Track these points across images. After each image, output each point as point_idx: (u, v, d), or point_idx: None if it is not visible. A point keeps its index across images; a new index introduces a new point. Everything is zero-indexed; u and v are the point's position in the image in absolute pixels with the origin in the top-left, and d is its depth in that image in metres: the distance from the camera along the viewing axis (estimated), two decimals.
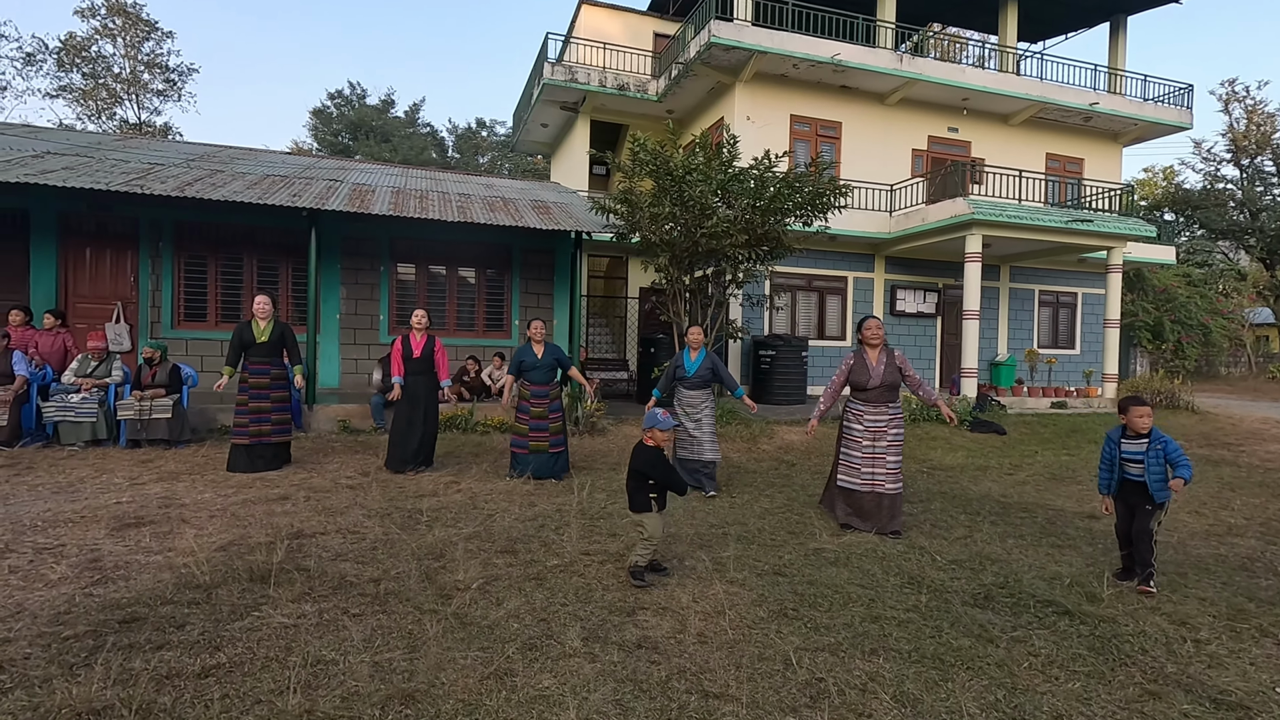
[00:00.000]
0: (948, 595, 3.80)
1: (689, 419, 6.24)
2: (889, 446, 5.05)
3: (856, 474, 5.10)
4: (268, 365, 6.49)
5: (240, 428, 6.36)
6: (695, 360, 6.27)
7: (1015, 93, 14.63)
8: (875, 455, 5.05)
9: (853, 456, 5.13)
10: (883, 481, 5.02)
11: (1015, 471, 7.86)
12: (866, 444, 5.08)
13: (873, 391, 5.07)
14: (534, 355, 6.43)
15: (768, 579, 3.97)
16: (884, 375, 5.05)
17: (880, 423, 5.06)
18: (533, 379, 6.42)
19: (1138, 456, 4.04)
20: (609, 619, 3.33)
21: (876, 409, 5.08)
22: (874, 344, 5.14)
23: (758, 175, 8.94)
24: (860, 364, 5.13)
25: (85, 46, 27.74)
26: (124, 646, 2.80)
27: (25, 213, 8.98)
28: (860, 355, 5.18)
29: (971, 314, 11.95)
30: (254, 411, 6.37)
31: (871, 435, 5.07)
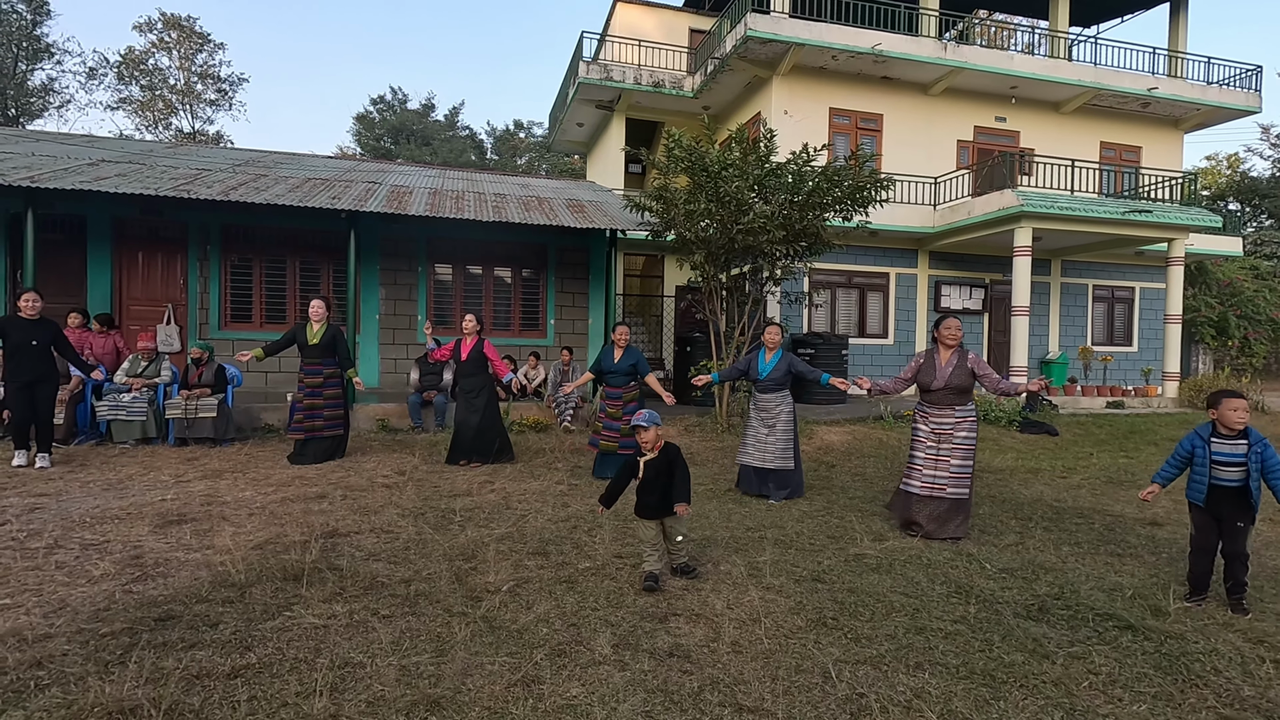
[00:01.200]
0: (998, 606, 3.59)
1: (762, 423, 6.03)
2: (954, 449, 4.85)
3: (918, 476, 4.93)
4: (320, 365, 6.82)
5: (296, 423, 6.75)
6: (770, 361, 6.04)
7: (1067, 79, 14.04)
8: (939, 458, 4.87)
9: (916, 458, 4.98)
10: (945, 485, 4.82)
11: (1069, 475, 7.50)
12: (931, 445, 4.91)
13: (938, 393, 4.88)
14: (612, 359, 6.64)
15: (806, 586, 3.82)
16: (950, 377, 4.84)
17: (946, 425, 4.87)
18: (610, 382, 6.68)
19: (1235, 459, 3.56)
20: (640, 625, 3.23)
21: (942, 411, 4.89)
22: (950, 344, 4.94)
23: (795, 170, 8.73)
24: (929, 364, 4.95)
25: (143, 60, 28.93)
26: (157, 645, 2.82)
27: (83, 219, 9.34)
28: (931, 354, 4.99)
29: (1021, 310, 11.50)
30: (308, 408, 6.75)
31: (936, 438, 4.89)
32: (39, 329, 6.19)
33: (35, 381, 6.17)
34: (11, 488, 5.39)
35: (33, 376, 6.15)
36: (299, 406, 6.76)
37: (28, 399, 6.15)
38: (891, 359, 13.88)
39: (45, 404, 6.25)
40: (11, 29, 24.10)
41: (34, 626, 2.94)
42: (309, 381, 6.78)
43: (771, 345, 6.10)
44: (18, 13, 24.35)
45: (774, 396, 6.03)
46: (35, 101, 25.58)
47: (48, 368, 6.25)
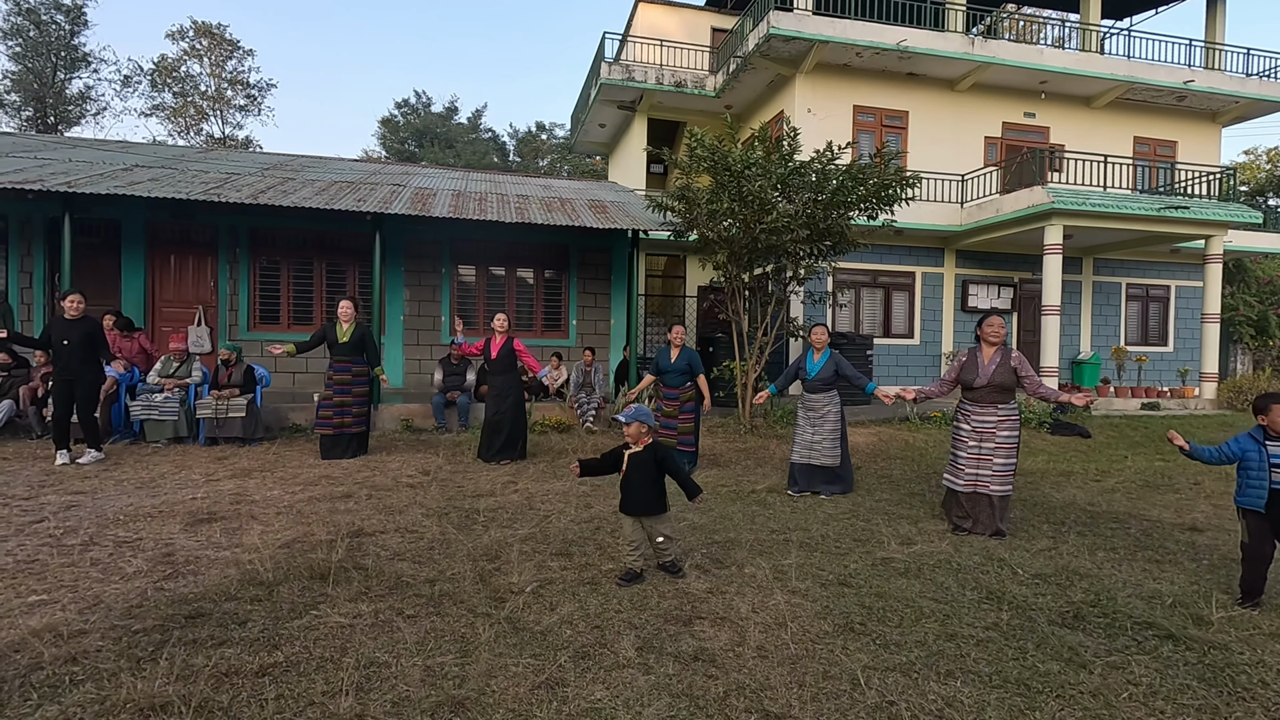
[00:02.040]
0: (1032, 613, 3.50)
1: (809, 422, 6.04)
2: (997, 448, 4.83)
3: (960, 474, 4.93)
4: (349, 363, 6.98)
5: (324, 420, 6.90)
6: (818, 362, 6.05)
7: (1099, 73, 13.72)
8: (981, 457, 4.86)
9: (958, 457, 4.97)
10: (987, 483, 4.82)
11: (1103, 478, 7.31)
12: (973, 445, 4.88)
13: (980, 391, 4.86)
14: (669, 359, 6.75)
15: (832, 590, 3.76)
16: (993, 376, 4.82)
17: (989, 424, 4.85)
18: (667, 381, 6.77)
19: None
20: (664, 628, 3.20)
21: (984, 409, 4.87)
22: (993, 342, 4.91)
23: (819, 168, 8.64)
24: (971, 362, 4.94)
25: (175, 67, 29.57)
26: (188, 642, 2.86)
27: (117, 223, 9.56)
28: (974, 353, 4.98)
29: (1052, 309, 11.26)
30: (337, 405, 6.90)
31: (979, 436, 4.87)
32: (77, 327, 6.37)
33: (74, 379, 6.34)
34: (50, 485, 5.52)
35: (72, 374, 6.33)
36: (328, 403, 6.89)
37: (68, 396, 6.33)
38: (917, 359, 13.68)
39: (85, 402, 6.41)
40: (51, 39, 24.80)
41: (69, 622, 3.00)
42: (338, 379, 6.92)
43: (819, 345, 6.10)
44: (56, 23, 25.06)
45: (822, 396, 6.05)
46: (73, 109, 26.31)
47: (86, 366, 6.41)
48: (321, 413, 6.93)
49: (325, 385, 7.00)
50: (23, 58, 24.64)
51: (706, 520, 5.12)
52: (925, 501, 5.97)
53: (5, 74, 25.15)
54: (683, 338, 6.85)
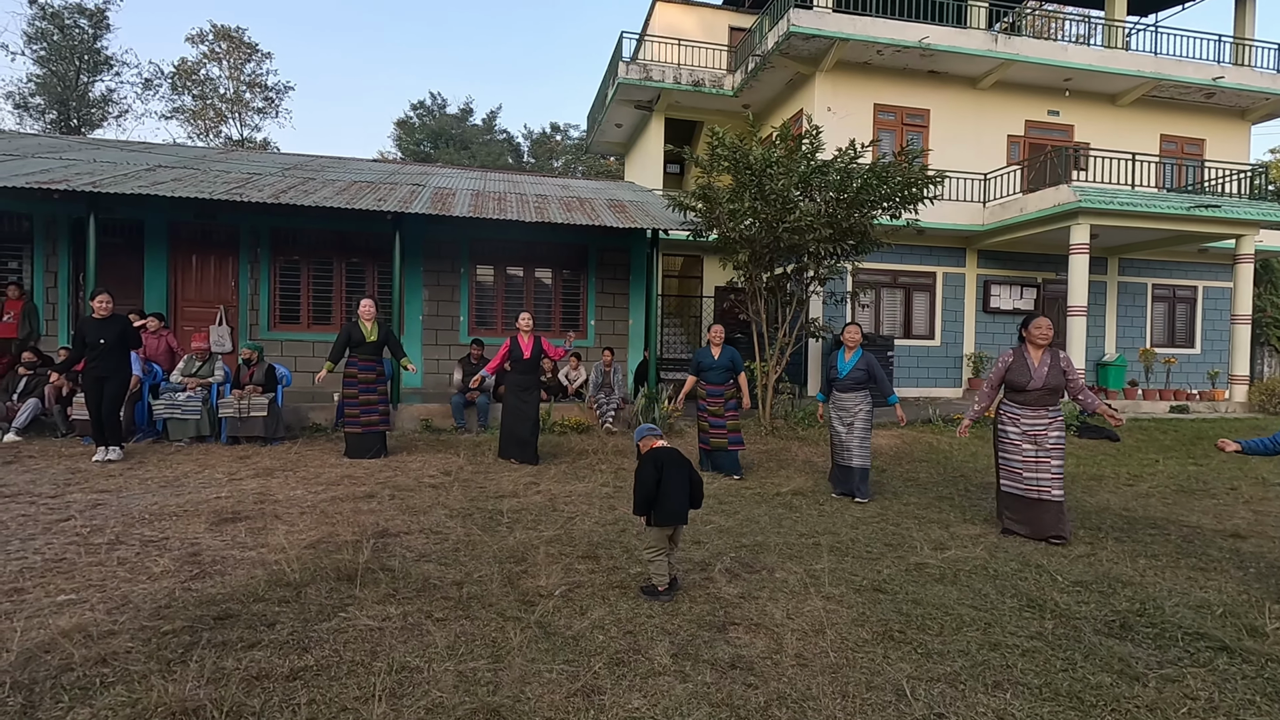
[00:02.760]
0: (1076, 622, 3.39)
1: (840, 422, 5.99)
2: (1051, 451, 4.73)
3: (1019, 479, 4.81)
4: (374, 362, 7.06)
5: (352, 418, 6.91)
6: (850, 361, 5.98)
7: (1125, 70, 13.48)
8: (1038, 460, 4.74)
9: (1012, 461, 4.85)
10: (1048, 488, 4.71)
11: (1135, 482, 7.15)
12: (1028, 448, 4.77)
13: (1032, 394, 4.74)
14: (711, 357, 6.73)
15: (867, 596, 3.67)
16: (1047, 377, 4.71)
17: (1039, 427, 4.74)
18: (709, 379, 6.74)
19: None
20: (698, 634, 3.13)
21: (1035, 412, 4.76)
22: (1040, 344, 4.79)
23: (842, 167, 8.53)
24: (1020, 363, 4.80)
25: (195, 70, 29.87)
26: (217, 644, 2.82)
27: (140, 223, 9.62)
28: (1020, 353, 4.85)
29: (1077, 310, 11.07)
30: (364, 404, 6.94)
31: (1031, 440, 4.76)
32: (107, 327, 6.43)
33: (105, 378, 6.41)
34: (75, 483, 5.54)
35: (106, 372, 6.41)
36: (354, 402, 6.89)
37: (99, 395, 6.39)
38: (938, 360, 13.50)
39: (112, 400, 6.47)
40: (74, 43, 25.13)
41: (98, 623, 2.97)
42: (364, 378, 6.94)
43: (851, 345, 6.01)
44: (80, 27, 25.39)
45: (852, 396, 5.97)
46: (95, 112, 26.63)
47: (116, 365, 6.50)
48: (349, 411, 6.91)
49: (348, 385, 6.97)
50: (47, 61, 24.98)
51: (733, 523, 5.04)
52: (954, 505, 5.86)
53: (30, 77, 25.54)
54: (722, 335, 6.80)
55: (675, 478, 3.55)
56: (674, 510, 3.51)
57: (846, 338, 6.03)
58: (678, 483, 3.55)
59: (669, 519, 3.52)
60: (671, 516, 3.52)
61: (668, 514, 3.51)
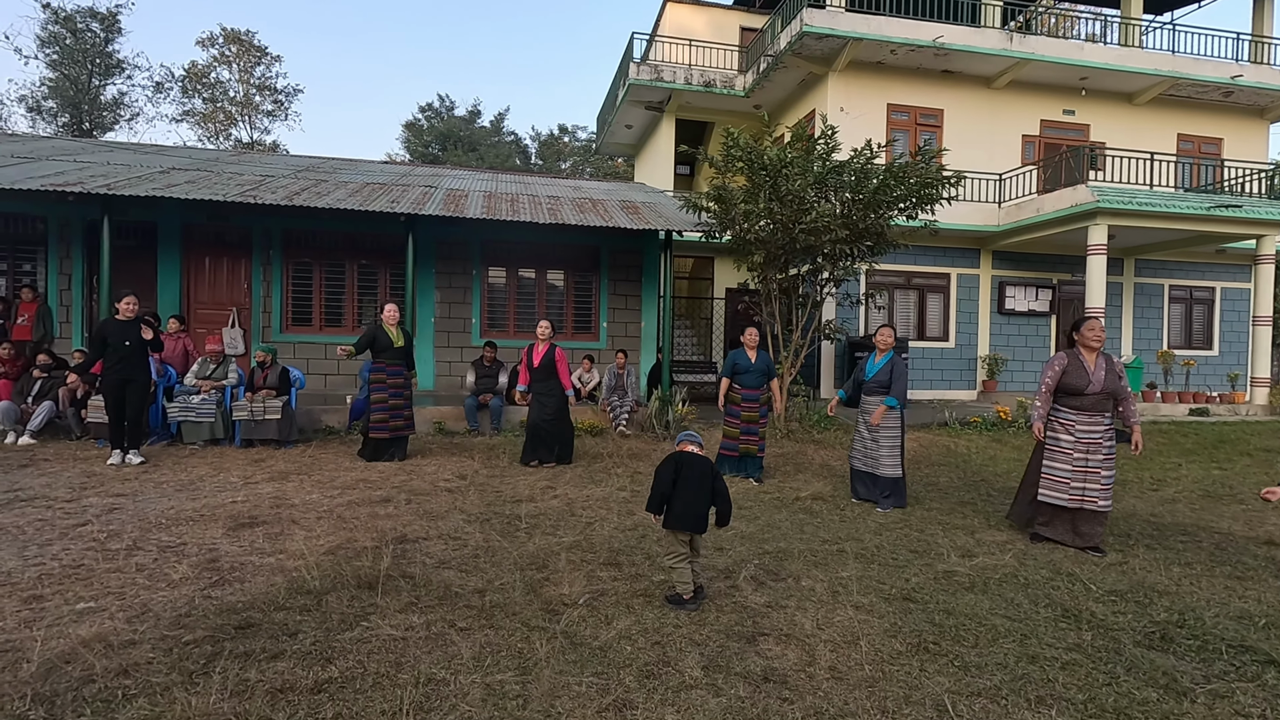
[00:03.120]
0: (1114, 633, 3.30)
1: (865, 425, 5.85)
2: (1104, 460, 4.58)
3: (1064, 489, 4.64)
4: (400, 367, 7.03)
5: (379, 423, 6.86)
6: (878, 364, 5.83)
7: (1142, 69, 13.33)
8: (1088, 470, 4.58)
9: (1059, 470, 4.68)
10: (1095, 498, 4.57)
11: (1160, 487, 7.03)
12: (1078, 457, 4.61)
13: (1090, 399, 4.60)
14: (748, 360, 6.61)
15: (897, 605, 3.59)
16: (1105, 382, 4.57)
17: (1095, 434, 4.60)
18: (745, 383, 6.60)
19: None
20: (728, 645, 3.05)
21: (1091, 419, 4.61)
22: (1094, 347, 4.66)
23: (859, 167, 8.44)
24: (1077, 367, 4.64)
25: (205, 73, 30.03)
26: (240, 655, 2.76)
27: (154, 225, 9.62)
28: (1075, 357, 4.69)
29: (1095, 312, 10.92)
30: (391, 408, 6.91)
31: (1085, 448, 4.60)
32: (132, 329, 6.45)
33: (128, 380, 6.41)
34: (91, 487, 5.51)
35: (129, 375, 6.41)
36: (383, 406, 6.85)
37: (120, 398, 6.39)
38: (952, 362, 13.37)
39: (135, 403, 6.47)
40: (86, 46, 25.29)
41: (118, 632, 2.92)
42: (391, 382, 6.91)
43: (883, 347, 5.86)
44: (92, 31, 25.55)
45: (878, 400, 5.80)
46: (107, 115, 26.79)
47: (139, 368, 6.50)
48: (376, 416, 6.84)
49: (376, 389, 6.90)
50: (60, 65, 25.15)
51: (754, 529, 4.96)
52: (978, 511, 5.76)
53: (43, 81, 25.72)
54: (757, 339, 6.70)
55: (692, 483, 3.49)
56: (681, 514, 3.45)
57: (879, 340, 5.86)
58: (694, 490, 3.48)
59: (676, 522, 3.47)
60: (679, 520, 3.46)
61: (675, 517, 3.47)
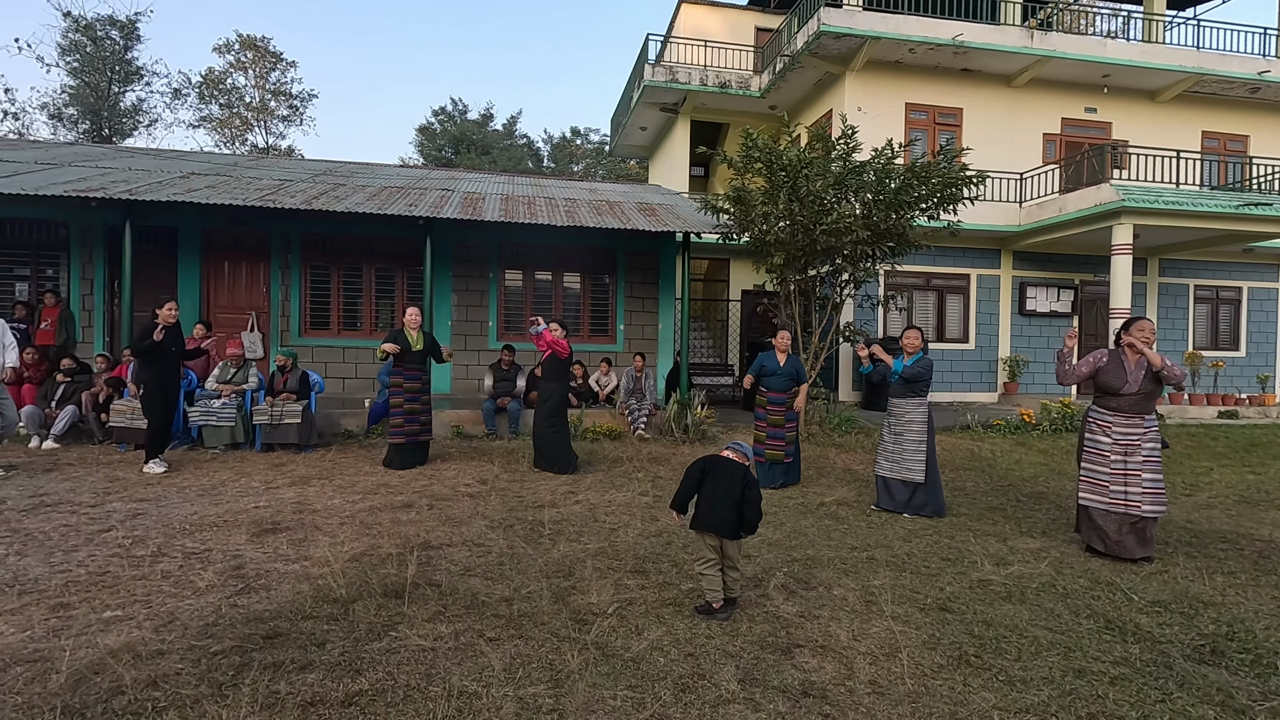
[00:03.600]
0: (1163, 646, 3.19)
1: (889, 429, 5.73)
2: (1145, 462, 4.45)
3: (1104, 492, 4.52)
4: (419, 371, 6.99)
5: (397, 428, 6.81)
6: (908, 363, 5.69)
7: (1166, 65, 13.10)
8: (1128, 472, 4.46)
9: (1098, 473, 4.57)
10: (1138, 503, 4.42)
11: (1193, 492, 6.87)
12: (1116, 459, 4.49)
13: (1126, 399, 4.49)
14: (776, 362, 6.52)
15: (933, 615, 3.49)
16: (1144, 382, 4.46)
17: (1133, 436, 4.47)
18: (772, 385, 6.51)
19: None
20: (763, 657, 2.98)
21: (1129, 420, 4.50)
22: (1134, 347, 4.53)
23: (879, 167, 8.33)
24: (1115, 365, 4.53)
25: (222, 79, 30.32)
26: (269, 666, 2.72)
27: (174, 230, 9.68)
28: (1116, 355, 4.58)
29: (1121, 313, 10.73)
30: (409, 414, 6.86)
31: (1123, 450, 4.49)
32: (174, 335, 6.50)
33: (169, 386, 6.49)
34: (115, 492, 5.52)
35: (171, 380, 6.49)
36: (400, 411, 6.80)
37: (165, 404, 6.45)
38: (972, 365, 13.20)
39: (171, 409, 6.56)
40: (106, 54, 25.59)
41: (146, 642, 2.89)
42: (409, 387, 6.86)
43: (911, 349, 5.70)
44: (111, 39, 25.84)
45: (906, 401, 5.68)
46: (126, 121, 27.07)
47: (178, 373, 6.60)
48: (394, 421, 6.79)
49: (394, 394, 6.86)
50: (80, 72, 25.45)
51: (781, 535, 4.88)
52: (1008, 517, 5.65)
53: (64, 88, 26.03)
54: (788, 341, 6.60)
55: (719, 485, 3.45)
56: (705, 515, 3.44)
57: (906, 343, 5.72)
58: (719, 493, 3.44)
59: (699, 522, 3.46)
60: (701, 521, 3.45)
61: (698, 516, 3.47)
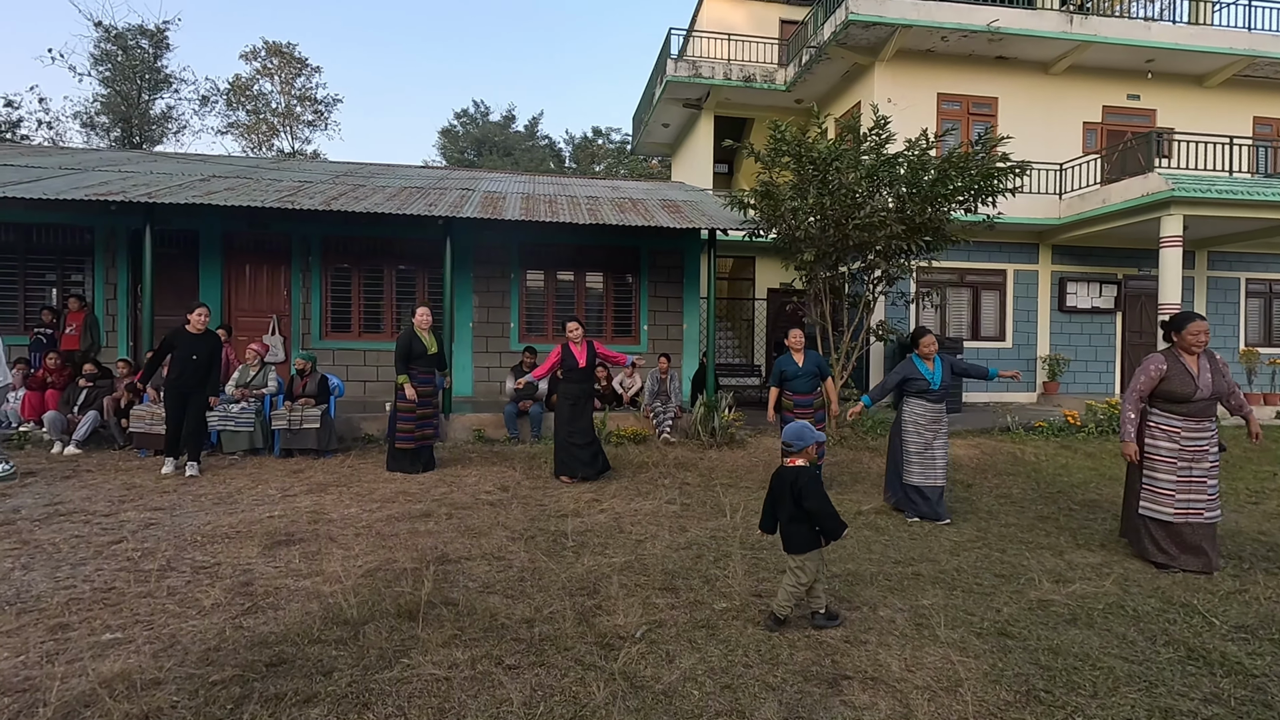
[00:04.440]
0: (1257, 680, 2.85)
1: (919, 434, 5.41)
2: (1209, 469, 4.17)
3: (1169, 501, 4.23)
4: (431, 375, 6.85)
5: (406, 433, 6.63)
6: (936, 370, 5.42)
7: (1215, 48, 12.48)
8: (1192, 480, 4.18)
9: (1162, 481, 4.27)
10: (1201, 510, 4.15)
11: (1259, 500, 6.41)
12: (1182, 466, 4.19)
13: (1196, 405, 4.18)
14: (795, 364, 6.21)
15: (992, 641, 3.18)
16: (1214, 386, 4.16)
17: (1200, 443, 4.18)
18: (796, 388, 6.19)
19: None
20: (807, 690, 2.70)
21: (1198, 425, 4.20)
22: (1195, 350, 4.24)
23: (915, 158, 7.96)
24: (1179, 371, 4.21)
25: (248, 86, 30.68)
26: (270, 698, 2.51)
27: (195, 234, 9.64)
28: (1175, 359, 4.26)
29: (1170, 308, 10.18)
30: (420, 418, 6.69)
31: (1190, 457, 4.19)
32: (203, 342, 6.42)
33: (191, 392, 6.38)
34: (130, 500, 5.40)
35: (190, 387, 6.37)
36: (410, 416, 6.62)
37: (182, 407, 6.35)
38: (1009, 363, 12.68)
39: (197, 413, 6.46)
40: (136, 63, 26.01)
41: (143, 669, 2.70)
42: (421, 390, 6.68)
43: (929, 353, 5.47)
44: (141, 48, 26.27)
45: (940, 407, 5.46)
46: (155, 129, 27.49)
47: (204, 379, 6.47)
48: (402, 426, 6.60)
49: (400, 398, 6.65)
50: (112, 81, 25.90)
51: None
52: (1061, 527, 5.28)
53: (96, 97, 26.53)
54: (802, 341, 6.28)
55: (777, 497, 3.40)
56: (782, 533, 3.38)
57: (924, 348, 5.46)
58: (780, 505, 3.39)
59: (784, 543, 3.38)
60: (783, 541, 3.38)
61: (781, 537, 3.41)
